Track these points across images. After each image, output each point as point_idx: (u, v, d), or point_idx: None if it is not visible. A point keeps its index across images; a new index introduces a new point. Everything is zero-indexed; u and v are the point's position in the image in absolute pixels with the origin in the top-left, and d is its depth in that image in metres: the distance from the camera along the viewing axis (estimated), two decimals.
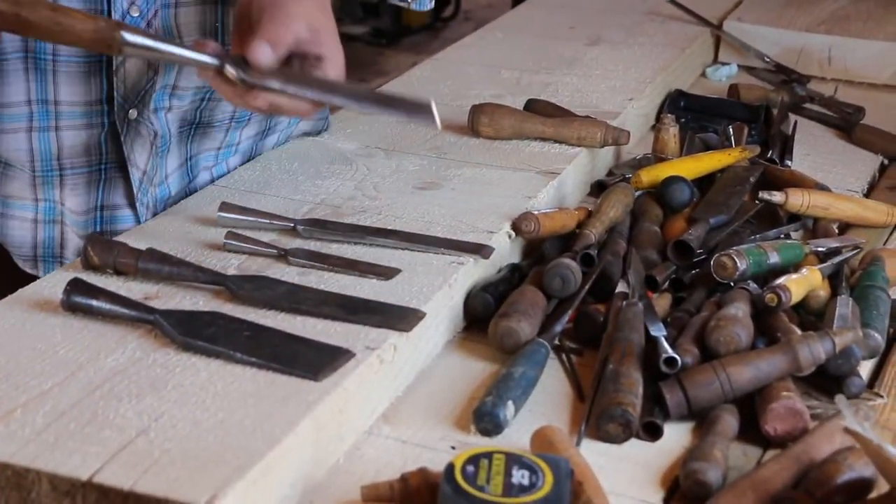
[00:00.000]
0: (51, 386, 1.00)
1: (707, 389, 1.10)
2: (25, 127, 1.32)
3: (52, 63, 1.30)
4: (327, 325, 1.13)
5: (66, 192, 1.36)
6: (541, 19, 2.26)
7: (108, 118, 1.34)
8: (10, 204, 1.36)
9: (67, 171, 1.35)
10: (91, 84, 1.32)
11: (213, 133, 1.45)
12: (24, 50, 1.28)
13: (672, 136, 1.66)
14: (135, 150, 1.36)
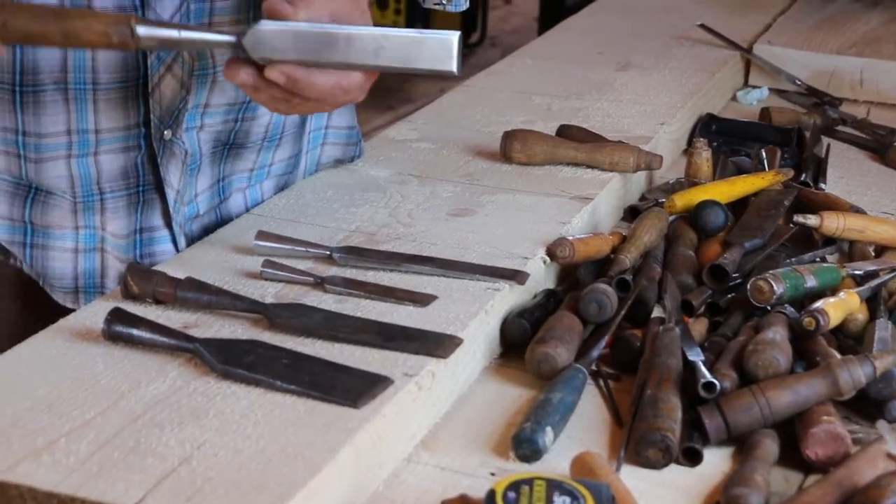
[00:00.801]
0: (94, 415, 1.01)
1: (746, 414, 1.10)
2: (64, 154, 1.33)
3: (92, 93, 1.31)
4: (365, 353, 1.13)
5: (108, 216, 1.36)
6: (569, 45, 2.27)
7: (144, 140, 1.35)
8: (50, 234, 1.36)
9: (108, 195, 1.36)
10: (129, 108, 1.33)
11: (246, 154, 1.46)
12: (64, 81, 1.29)
13: (705, 161, 1.66)
14: (169, 170, 1.37)
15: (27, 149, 1.31)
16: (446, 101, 1.92)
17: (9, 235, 1.36)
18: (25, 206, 1.35)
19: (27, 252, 1.36)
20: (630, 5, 2.58)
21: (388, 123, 5.01)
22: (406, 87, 5.61)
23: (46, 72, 1.28)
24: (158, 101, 1.33)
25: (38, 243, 1.36)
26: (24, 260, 1.36)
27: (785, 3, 2.52)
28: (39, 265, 1.36)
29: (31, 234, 1.36)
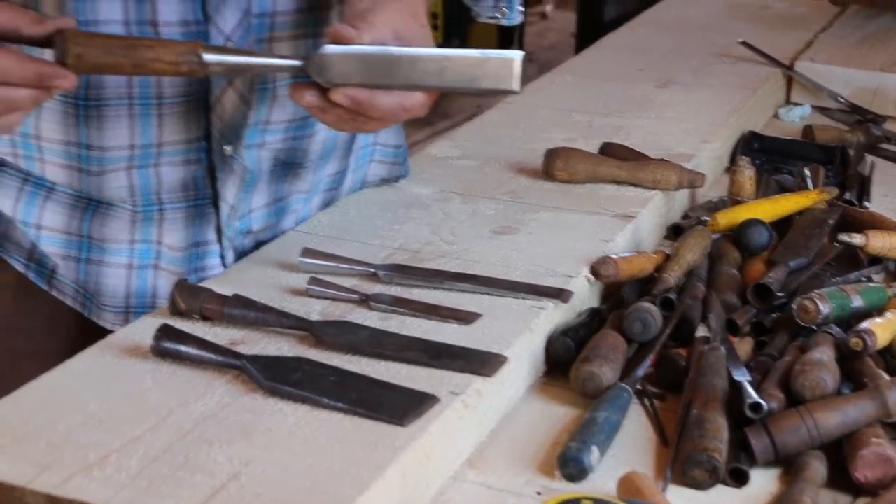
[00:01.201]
0: (143, 431, 1.02)
1: (794, 435, 1.09)
2: (126, 166, 1.33)
3: (157, 107, 1.31)
4: (411, 370, 1.14)
5: (165, 227, 1.37)
6: (609, 62, 2.27)
7: (205, 154, 1.36)
8: (105, 249, 1.36)
9: (167, 206, 1.36)
10: (190, 122, 1.33)
11: (303, 174, 1.47)
12: (128, 96, 1.30)
13: (748, 179, 1.66)
14: (226, 185, 1.37)
15: (90, 162, 1.32)
16: (487, 119, 1.93)
17: (64, 250, 1.36)
18: (84, 218, 1.35)
19: (81, 267, 1.37)
20: (670, 22, 2.58)
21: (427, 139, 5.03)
22: (443, 103, 5.62)
23: (112, 87, 1.29)
24: (220, 115, 1.34)
25: (93, 258, 1.36)
26: (78, 276, 1.37)
27: (827, 20, 2.52)
28: (93, 281, 1.37)
29: (87, 249, 1.36)
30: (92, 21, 1.24)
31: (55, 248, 1.36)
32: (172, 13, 1.27)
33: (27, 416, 1.04)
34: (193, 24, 1.29)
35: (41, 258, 1.37)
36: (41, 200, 1.35)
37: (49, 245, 1.36)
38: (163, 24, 1.27)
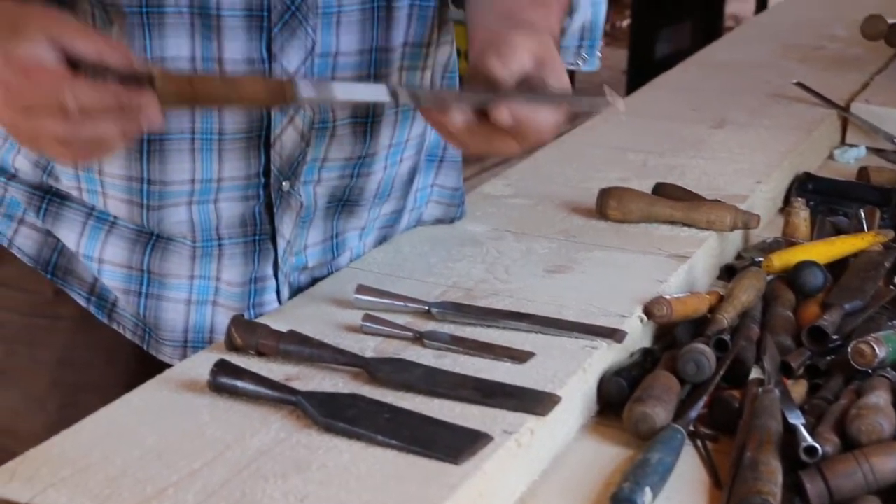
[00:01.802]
0: (200, 465, 1.03)
1: (849, 480, 1.09)
2: (186, 201, 1.35)
3: (218, 143, 1.33)
4: (464, 408, 1.14)
5: (224, 263, 1.38)
6: (663, 102, 2.27)
7: (263, 190, 1.37)
8: (165, 284, 1.38)
9: (225, 242, 1.38)
10: (250, 158, 1.35)
11: (359, 211, 1.48)
12: (192, 132, 1.32)
13: (803, 220, 1.66)
14: (284, 220, 1.39)
15: (151, 197, 1.34)
16: (541, 157, 1.93)
17: (125, 284, 1.38)
18: (145, 253, 1.37)
19: (141, 302, 1.38)
20: (723, 63, 2.58)
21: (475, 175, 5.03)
22: None
23: (174, 121, 1.30)
24: (279, 152, 1.35)
25: (153, 293, 1.38)
26: (138, 310, 1.39)
27: (882, 62, 2.50)
28: (152, 316, 1.38)
29: (146, 284, 1.38)
30: (158, 58, 1.26)
31: (116, 282, 1.38)
32: (238, 51, 1.29)
33: (86, 450, 1.05)
34: (258, 63, 1.30)
35: (102, 292, 1.39)
36: (103, 234, 1.36)
37: (110, 279, 1.38)
38: (228, 62, 1.29)
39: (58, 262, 1.39)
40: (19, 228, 1.39)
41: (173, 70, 1.18)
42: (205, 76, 1.20)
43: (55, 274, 1.39)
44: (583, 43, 1.55)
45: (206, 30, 1.26)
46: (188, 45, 1.27)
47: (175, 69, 1.25)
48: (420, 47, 1.43)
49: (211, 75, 1.22)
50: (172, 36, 1.26)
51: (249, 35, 1.28)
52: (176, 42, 1.26)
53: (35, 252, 1.39)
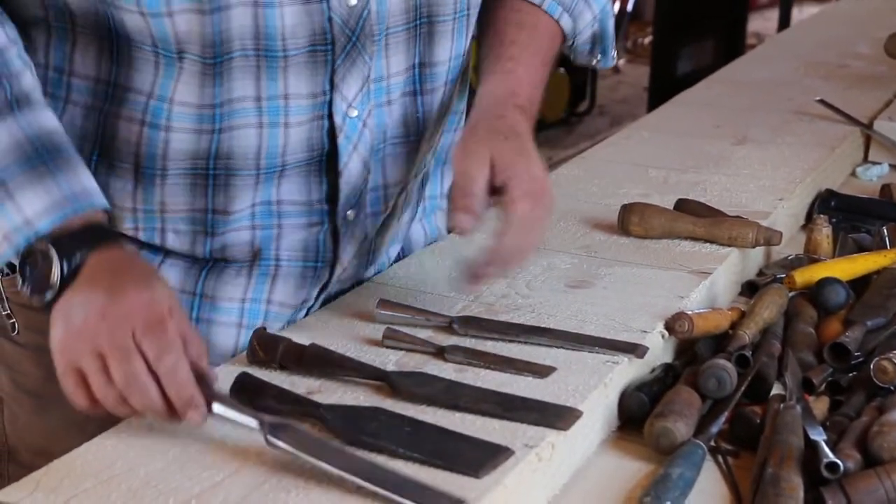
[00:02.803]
0: (223, 478, 1.04)
1: (871, 496, 1.08)
2: (249, 226, 1.35)
3: (280, 171, 1.33)
4: (485, 422, 1.14)
5: (278, 285, 1.39)
6: (685, 118, 2.28)
7: (328, 217, 1.38)
8: (217, 308, 1.38)
9: (283, 264, 1.38)
10: (311, 184, 1.35)
11: (392, 225, 1.49)
12: (257, 168, 1.32)
13: (825, 237, 1.65)
14: (346, 249, 1.40)
15: (215, 225, 1.34)
16: (563, 173, 1.94)
17: None
18: (199, 277, 1.37)
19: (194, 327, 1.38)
20: (746, 80, 2.58)
21: None
22: None
23: (240, 157, 1.30)
24: (347, 180, 1.36)
25: (203, 317, 1.37)
26: None
27: None
28: (205, 339, 1.36)
29: (198, 308, 1.37)
30: (227, 100, 1.27)
31: None
32: (302, 87, 1.29)
33: (109, 461, 1.06)
34: (321, 95, 1.31)
35: None
36: (156, 264, 1.35)
37: None
38: (292, 97, 1.29)
39: None
40: None
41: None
42: None
43: None
44: (595, 48, 1.56)
45: (272, 70, 1.27)
46: (253, 86, 1.27)
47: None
48: (460, 59, 1.45)
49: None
50: (239, 79, 1.26)
51: (314, 70, 1.29)
52: (242, 84, 1.27)
53: None
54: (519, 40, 1.43)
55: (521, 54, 1.42)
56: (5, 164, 1.16)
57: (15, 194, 1.15)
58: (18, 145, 1.16)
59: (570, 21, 1.49)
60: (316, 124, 1.32)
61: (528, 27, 1.44)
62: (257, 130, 1.29)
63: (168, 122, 1.27)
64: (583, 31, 1.52)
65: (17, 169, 1.16)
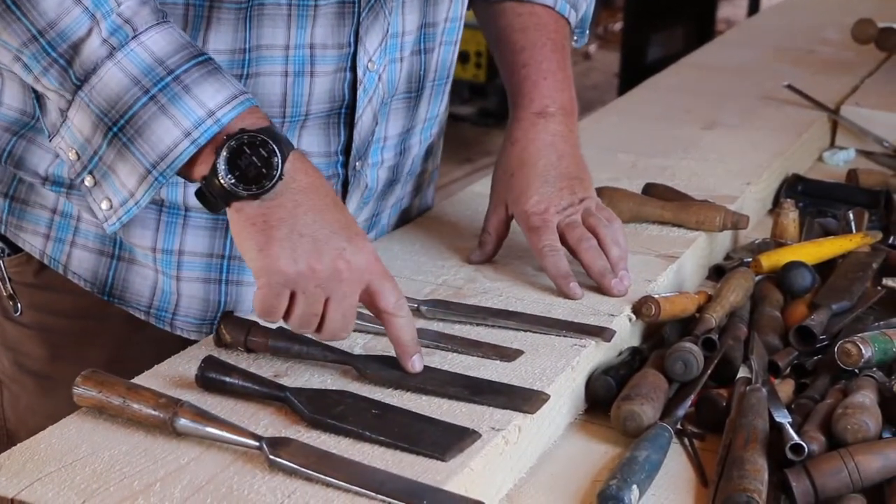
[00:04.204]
0: (187, 461, 1.03)
1: (835, 478, 1.09)
2: None
3: (303, 120, 1.34)
4: (452, 406, 1.14)
5: None
6: (655, 103, 2.28)
7: (342, 169, 1.40)
8: (245, 269, 1.35)
9: None
10: (330, 136, 1.37)
11: (396, 189, 1.51)
12: (282, 117, 1.32)
13: (792, 221, 1.66)
14: (352, 200, 1.42)
15: None
16: None
17: (205, 272, 1.36)
18: (226, 237, 1.35)
19: (222, 289, 1.37)
20: (715, 65, 2.58)
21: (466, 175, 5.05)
22: (484, 140, 5.65)
23: (265, 105, 1.30)
24: (359, 131, 1.38)
25: (233, 279, 1.37)
26: (219, 299, 1.37)
27: (873, 65, 2.51)
28: (233, 302, 1.38)
29: (226, 270, 1.37)
30: (255, 46, 1.28)
31: (196, 271, 1.36)
32: (329, 37, 1.32)
33: (73, 445, 1.05)
34: (346, 47, 1.34)
35: (162, 303, 1.38)
36: (179, 228, 1.35)
37: (189, 270, 1.36)
38: (318, 47, 1.32)
39: (114, 282, 1.38)
40: (72, 252, 1.37)
41: None
42: None
43: (111, 294, 1.38)
44: (575, 30, 1.59)
45: (302, 19, 1.29)
46: (284, 34, 1.29)
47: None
48: (455, 21, 1.49)
49: None
50: (269, 26, 1.28)
51: (342, 21, 1.32)
52: (272, 31, 1.28)
53: (90, 275, 1.37)
54: (528, 44, 1.50)
55: (531, 58, 1.49)
56: (176, 61, 1.14)
57: (193, 89, 1.13)
58: (182, 46, 1.15)
59: (575, 13, 1.54)
60: (339, 76, 1.34)
61: (532, 28, 1.50)
62: (283, 79, 1.31)
63: None
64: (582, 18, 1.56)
65: (189, 66, 1.14)
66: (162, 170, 1.14)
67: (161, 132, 1.13)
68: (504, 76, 1.54)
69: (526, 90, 1.49)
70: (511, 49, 1.51)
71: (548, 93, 1.49)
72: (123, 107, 1.13)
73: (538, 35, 1.51)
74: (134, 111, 1.13)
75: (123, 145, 1.14)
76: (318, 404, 1.11)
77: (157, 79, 1.13)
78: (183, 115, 1.13)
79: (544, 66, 1.49)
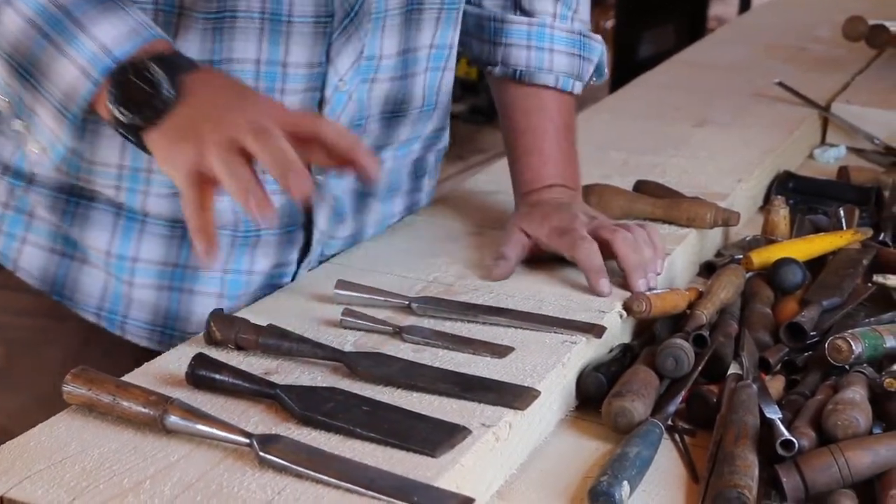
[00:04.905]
0: (177, 458, 1.03)
1: (825, 474, 1.09)
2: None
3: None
4: (443, 402, 1.14)
5: (259, 251, 1.39)
6: (646, 101, 2.28)
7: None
8: (198, 278, 1.37)
9: (263, 234, 1.38)
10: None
11: (376, 205, 1.51)
12: None
13: (783, 218, 1.66)
14: (320, 213, 1.41)
15: None
16: None
17: (158, 280, 1.36)
18: (182, 246, 1.35)
19: (174, 297, 1.37)
20: (706, 62, 2.59)
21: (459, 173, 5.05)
22: (477, 137, 5.65)
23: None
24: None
25: (185, 287, 1.37)
26: (170, 306, 1.37)
27: (863, 63, 2.52)
28: (185, 310, 1.38)
29: (180, 278, 1.37)
30: (226, 59, 1.27)
31: (150, 278, 1.36)
32: (302, 55, 1.31)
33: (62, 443, 1.05)
34: (317, 66, 1.32)
35: (112, 305, 1.37)
36: (136, 234, 1.35)
37: (144, 276, 1.36)
38: (291, 65, 1.30)
39: (64, 282, 1.37)
40: (23, 249, 1.37)
41: None
42: None
43: (62, 294, 1.38)
44: (591, 79, 1.61)
45: (275, 35, 1.28)
46: (255, 48, 1.28)
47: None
48: (443, 49, 1.47)
49: None
50: (241, 39, 1.27)
51: (314, 40, 1.30)
52: (244, 45, 1.28)
53: (40, 273, 1.37)
54: (530, 128, 1.53)
55: (533, 145, 1.53)
56: (72, 1, 1.14)
57: (87, 26, 1.13)
58: None
59: (580, 85, 1.57)
60: (309, 95, 1.33)
61: (534, 112, 1.54)
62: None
63: None
64: (588, 80, 1.59)
65: (84, 3, 1.14)
66: (71, 110, 1.14)
67: (62, 71, 1.13)
68: (508, 153, 1.57)
69: (528, 178, 1.53)
70: (514, 129, 1.55)
71: (553, 173, 1.53)
72: (26, 50, 1.14)
73: (540, 119, 1.54)
74: (35, 53, 1.14)
75: (34, 87, 1.15)
76: (308, 401, 1.11)
77: (51, 19, 1.13)
78: (77, 53, 1.13)
79: (546, 152, 1.53)
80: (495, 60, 1.55)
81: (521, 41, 1.54)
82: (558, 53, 1.54)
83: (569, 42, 1.55)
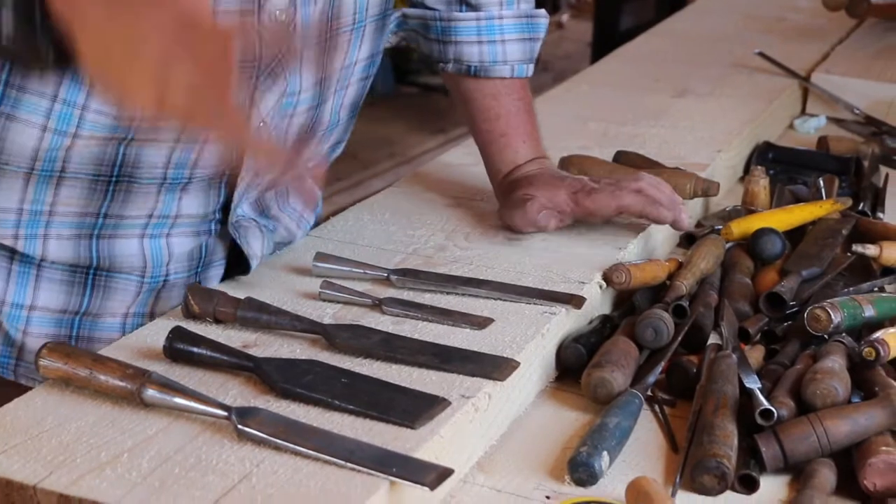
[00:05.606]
0: (155, 431, 1.03)
1: (804, 443, 1.09)
2: (139, 234, 1.31)
3: (184, 184, 1.30)
4: (422, 374, 1.14)
5: (162, 296, 1.35)
6: (626, 72, 2.28)
7: (218, 225, 1.35)
8: (98, 325, 1.33)
9: (172, 277, 1.34)
10: (210, 197, 1.33)
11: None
12: (163, 178, 1.28)
13: (762, 188, 1.66)
14: (251, 244, 1.36)
15: (104, 228, 1.29)
16: None
17: (55, 329, 1.32)
18: (84, 294, 1.31)
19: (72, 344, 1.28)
20: (686, 33, 2.58)
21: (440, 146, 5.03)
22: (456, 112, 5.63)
23: (147, 167, 1.26)
24: (241, 191, 1.34)
25: (83, 335, 1.33)
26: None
27: (844, 32, 2.52)
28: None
29: (78, 326, 1.32)
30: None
31: (46, 328, 1.31)
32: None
33: (39, 417, 1.04)
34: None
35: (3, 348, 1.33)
36: (33, 279, 1.30)
37: (39, 326, 1.31)
38: None
39: None
40: None
41: None
42: None
43: None
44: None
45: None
46: None
47: None
48: (349, 68, 1.41)
49: None
50: None
51: (237, 86, 1.21)
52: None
53: None
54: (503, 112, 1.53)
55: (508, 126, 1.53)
56: None
57: None
58: None
59: (532, 66, 1.56)
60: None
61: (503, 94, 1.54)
62: (172, 145, 1.25)
63: (77, 129, 1.22)
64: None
65: None
66: None
67: None
68: (478, 137, 1.55)
69: (508, 157, 1.52)
70: (485, 117, 1.53)
71: (531, 148, 1.54)
72: None
73: (505, 102, 1.53)
74: None
75: None
76: (287, 374, 1.11)
77: None
78: None
79: (521, 131, 1.53)
80: (447, 58, 1.52)
81: (471, 38, 1.51)
82: (510, 42, 1.52)
83: (518, 28, 1.53)
